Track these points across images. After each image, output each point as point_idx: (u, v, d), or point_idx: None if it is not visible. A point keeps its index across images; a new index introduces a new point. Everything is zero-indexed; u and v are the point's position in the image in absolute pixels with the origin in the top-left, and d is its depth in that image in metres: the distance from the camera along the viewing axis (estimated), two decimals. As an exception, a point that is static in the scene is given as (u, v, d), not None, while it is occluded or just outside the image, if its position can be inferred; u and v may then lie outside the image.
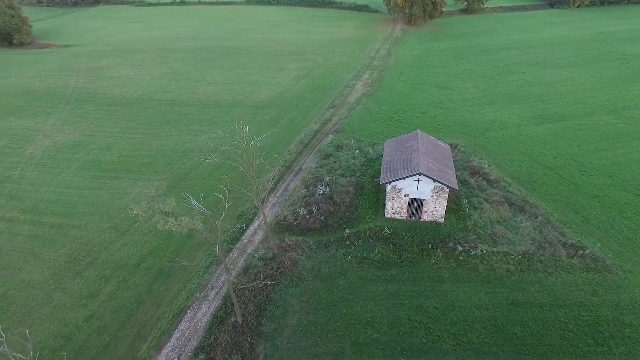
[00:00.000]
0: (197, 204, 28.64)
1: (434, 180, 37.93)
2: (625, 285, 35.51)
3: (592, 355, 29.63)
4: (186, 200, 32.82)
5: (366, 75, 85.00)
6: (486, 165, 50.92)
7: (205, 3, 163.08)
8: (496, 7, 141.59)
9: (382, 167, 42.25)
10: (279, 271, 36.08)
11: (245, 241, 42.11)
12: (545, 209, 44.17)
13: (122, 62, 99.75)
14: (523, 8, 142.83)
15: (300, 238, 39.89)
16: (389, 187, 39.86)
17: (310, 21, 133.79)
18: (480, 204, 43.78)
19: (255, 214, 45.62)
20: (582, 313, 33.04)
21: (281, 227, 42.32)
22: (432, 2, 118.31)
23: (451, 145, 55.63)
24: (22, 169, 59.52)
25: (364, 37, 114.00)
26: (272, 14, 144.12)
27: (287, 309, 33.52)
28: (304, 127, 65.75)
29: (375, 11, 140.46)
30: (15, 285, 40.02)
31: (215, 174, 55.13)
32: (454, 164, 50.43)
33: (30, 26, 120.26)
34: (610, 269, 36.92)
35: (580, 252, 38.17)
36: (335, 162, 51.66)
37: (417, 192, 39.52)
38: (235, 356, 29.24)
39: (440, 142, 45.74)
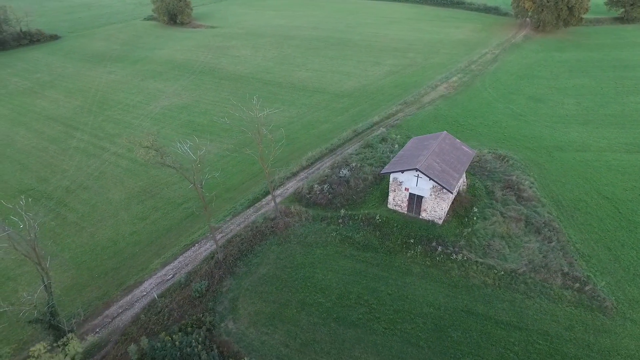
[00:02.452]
0: (187, 149, 35.86)
1: (430, 179, 38.72)
2: (615, 331, 31.93)
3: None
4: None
5: (455, 78, 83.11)
6: (527, 182, 47.97)
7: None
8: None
9: (392, 159, 44.05)
10: (271, 230, 41.64)
11: (264, 203, 48.51)
12: (570, 238, 40.65)
13: (246, 44, 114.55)
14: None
15: (303, 209, 44.64)
16: (391, 178, 41.80)
17: (430, 20, 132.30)
18: (493, 215, 42.42)
19: (279, 186, 51.65)
20: (540, 341, 31.22)
21: (296, 197, 47.57)
22: (567, 7, 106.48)
23: (500, 157, 53.34)
24: (142, 119, 75.69)
25: (477, 41, 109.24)
26: (396, 11, 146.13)
27: (263, 261, 39.03)
28: (367, 118, 68.93)
29: (505, 14, 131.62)
30: (102, 199, 53.48)
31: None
32: (491, 174, 49.02)
33: (191, 9, 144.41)
34: (607, 311, 33.29)
35: (577, 285, 35.03)
36: (371, 152, 54.39)
37: (417, 188, 40.64)
38: (205, 282, 36.04)
39: (464, 147, 45.10)
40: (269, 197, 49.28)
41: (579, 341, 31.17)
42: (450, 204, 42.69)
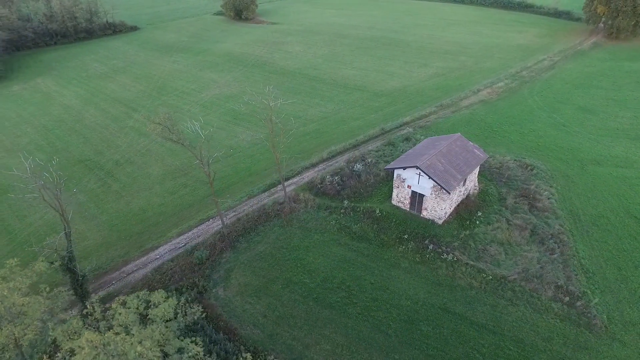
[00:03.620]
0: (196, 129, 39.64)
1: (429, 177, 39.27)
2: (598, 350, 30.76)
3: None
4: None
5: (501, 84, 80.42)
6: (545, 193, 46.38)
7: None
8: None
9: (400, 156, 44.91)
10: (277, 213, 44.54)
11: (279, 188, 51.53)
12: (577, 252, 39.13)
13: (300, 41, 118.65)
14: None
15: (311, 197, 47.00)
16: (395, 175, 42.81)
17: (493, 24, 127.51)
18: (498, 221, 41.87)
19: (297, 174, 54.35)
20: (511, 347, 30.97)
21: (309, 186, 50.05)
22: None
23: (524, 165, 51.79)
24: (191, 106, 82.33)
25: (537, 46, 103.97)
26: (457, 13, 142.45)
27: (263, 239, 42.04)
28: (400, 118, 69.42)
29: (577, 19, 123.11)
30: (142, 173, 59.71)
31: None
32: (510, 181, 48.07)
33: (256, 5, 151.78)
34: (596, 329, 32.04)
35: (567, 299, 33.92)
36: (391, 150, 55.28)
37: (419, 186, 41.29)
38: (206, 252, 39.82)
39: (476, 150, 44.63)
40: (285, 182, 52.20)
41: (554, 353, 30.46)
42: (454, 205, 42.73)
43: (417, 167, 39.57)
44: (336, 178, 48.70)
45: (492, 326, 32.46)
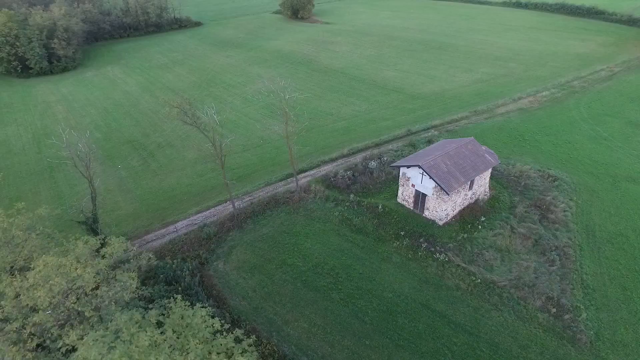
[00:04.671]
0: (211, 114, 43.03)
1: (430, 177, 39.83)
2: (577, 364, 30.03)
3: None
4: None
5: (546, 93, 77.10)
6: (561, 205, 44.87)
7: (461, 0, 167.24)
8: None
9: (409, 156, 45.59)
10: (286, 200, 47.16)
11: (302, 178, 54.09)
12: (580, 267, 37.88)
13: (349, 41, 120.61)
14: None
15: (321, 188, 49.03)
16: (400, 173, 43.70)
17: (554, 30, 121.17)
18: (502, 228, 41.37)
19: (316, 167, 56.54)
20: (484, 349, 31.07)
21: (323, 178, 52.11)
22: None
23: (546, 176, 50.21)
24: (234, 98, 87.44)
25: (599, 56, 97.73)
26: (518, 18, 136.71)
27: (269, 223, 44.81)
28: (429, 121, 69.27)
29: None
30: (179, 156, 64.97)
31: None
32: (526, 190, 47.14)
33: (313, 5, 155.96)
34: (580, 344, 31.20)
35: (554, 310, 33.18)
36: (410, 150, 55.76)
37: (422, 185, 41.91)
38: (215, 229, 43.35)
39: (487, 155, 44.14)
40: (302, 174, 54.67)
41: (527, 361, 30.15)
42: (457, 208, 42.78)
43: (420, 167, 40.21)
44: (348, 173, 50.32)
45: (469, 327, 32.63)
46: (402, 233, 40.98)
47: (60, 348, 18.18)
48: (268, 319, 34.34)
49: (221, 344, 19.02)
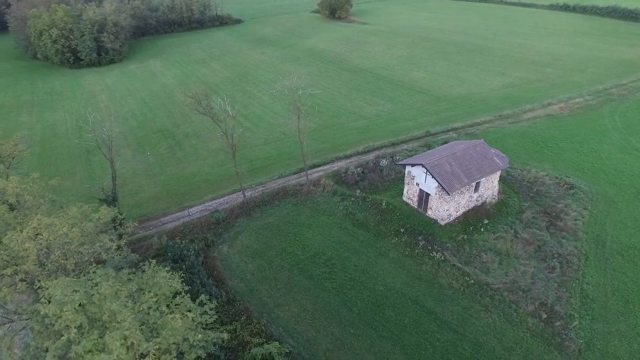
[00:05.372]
0: (224, 103, 45.22)
1: (432, 176, 40.15)
2: (561, 371, 29.70)
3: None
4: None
5: (579, 100, 74.27)
6: (572, 214, 43.77)
7: (504, 2, 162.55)
8: None
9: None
10: (295, 192, 48.85)
11: (308, 172, 55.68)
12: (582, 277, 36.99)
13: (382, 42, 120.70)
14: None
15: (331, 183, 50.28)
16: (406, 171, 44.22)
17: (601, 35, 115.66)
18: (505, 232, 41.03)
19: (330, 162, 57.83)
20: (466, 347, 31.29)
21: (334, 174, 53.34)
22: None
23: (562, 183, 48.97)
24: (263, 93, 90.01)
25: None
26: (563, 22, 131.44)
27: (276, 212, 46.63)
28: (451, 123, 68.72)
29: None
30: (203, 146, 68.19)
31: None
32: (538, 197, 46.44)
33: (351, 5, 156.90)
34: (567, 351, 30.76)
35: (545, 316, 32.78)
36: (424, 151, 55.76)
37: (425, 184, 42.25)
38: (224, 214, 45.68)
39: (496, 159, 43.68)
40: (315, 169, 56.14)
41: (509, 363, 30.12)
42: (461, 209, 42.75)
43: (423, 166, 40.60)
44: (358, 170, 51.25)
45: (455, 325, 32.88)
46: (402, 230, 41.52)
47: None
48: (261, 300, 36.10)
49: (180, 302, 20.97)
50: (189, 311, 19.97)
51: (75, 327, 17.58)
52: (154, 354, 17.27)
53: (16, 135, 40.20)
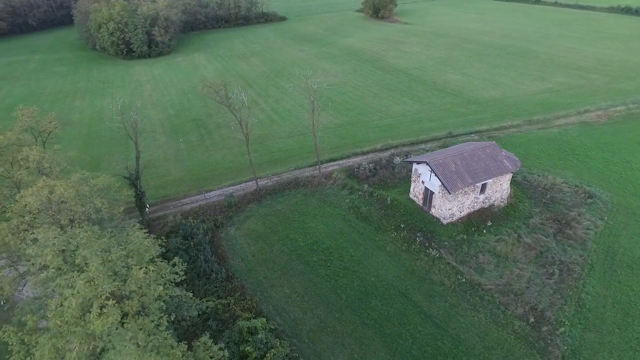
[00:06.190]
0: (239, 93, 47.58)
1: (435, 174, 40.47)
2: (540, 375, 29.49)
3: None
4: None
5: (621, 108, 70.48)
6: (585, 223, 42.43)
7: (559, 4, 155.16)
8: None
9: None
10: (306, 183, 50.65)
11: (323, 166, 57.27)
12: (582, 286, 36.06)
13: (422, 42, 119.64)
14: None
15: (342, 177, 51.59)
16: (413, 169, 44.73)
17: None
18: (507, 235, 40.61)
19: (346, 157, 59.06)
20: (446, 342, 31.69)
21: (348, 168, 54.60)
22: None
23: (580, 191, 47.41)
24: (295, 89, 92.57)
25: None
26: (620, 26, 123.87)
27: (285, 201, 48.64)
28: (476, 126, 67.68)
29: None
30: (230, 137, 71.55)
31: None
32: (550, 203, 45.44)
33: (395, 5, 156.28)
34: (550, 357, 30.40)
35: (533, 319, 32.45)
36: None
37: (430, 183, 42.60)
38: (235, 199, 48.31)
39: (506, 162, 43.05)
40: (331, 163, 57.60)
41: (487, 362, 30.23)
42: (465, 209, 42.67)
43: (427, 163, 40.99)
44: (370, 165, 52.14)
45: (439, 320, 33.29)
46: (402, 226, 42.12)
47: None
48: (257, 280, 38.22)
49: (150, 259, 23.52)
50: (151, 266, 22.28)
51: (53, 268, 20.71)
52: (113, 297, 19.85)
53: (50, 114, 44.83)
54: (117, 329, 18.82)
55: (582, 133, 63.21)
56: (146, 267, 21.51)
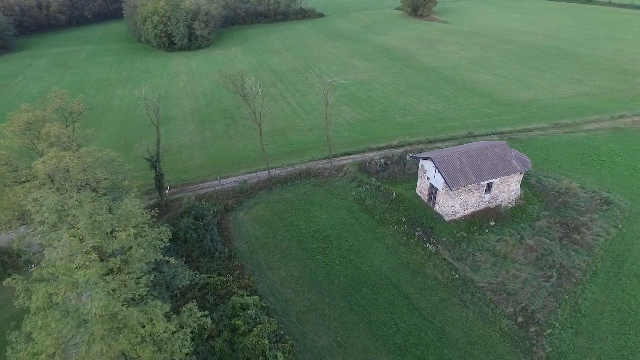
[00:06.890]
0: (254, 84, 49.35)
1: (438, 170, 40.66)
2: (521, 374, 29.43)
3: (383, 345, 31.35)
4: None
5: (660, 114, 66.66)
6: (596, 229, 41.18)
7: (611, 4, 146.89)
8: None
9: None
10: (317, 174, 52.05)
11: (336, 160, 58.36)
12: (581, 292, 35.31)
13: (457, 41, 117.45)
14: None
15: (353, 170, 52.50)
16: (420, 165, 45.01)
17: None
18: (509, 236, 40.19)
19: (361, 152, 59.83)
20: (430, 334, 32.11)
21: (361, 163, 55.42)
22: None
23: (596, 197, 45.90)
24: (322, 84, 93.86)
25: None
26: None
27: (294, 190, 50.24)
28: (500, 127, 66.31)
29: None
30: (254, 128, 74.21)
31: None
32: (562, 207, 44.51)
33: (434, 3, 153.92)
34: (534, 358, 30.23)
35: (521, 319, 32.21)
36: (456, 150, 55.32)
37: (434, 179, 42.76)
38: (247, 185, 50.47)
39: (514, 162, 42.37)
40: (345, 157, 58.59)
41: (466, 355, 30.46)
42: (469, 208, 42.50)
43: (431, 160, 41.20)
44: (382, 160, 52.70)
45: (426, 313, 33.72)
46: (404, 220, 42.56)
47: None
48: (257, 261, 40.08)
49: (138, 225, 25.86)
50: (134, 229, 24.53)
51: (49, 224, 23.61)
52: (99, 253, 22.34)
53: (79, 97, 48.76)
54: (97, 282, 21.21)
55: (613, 139, 60.51)
56: (130, 230, 23.80)
